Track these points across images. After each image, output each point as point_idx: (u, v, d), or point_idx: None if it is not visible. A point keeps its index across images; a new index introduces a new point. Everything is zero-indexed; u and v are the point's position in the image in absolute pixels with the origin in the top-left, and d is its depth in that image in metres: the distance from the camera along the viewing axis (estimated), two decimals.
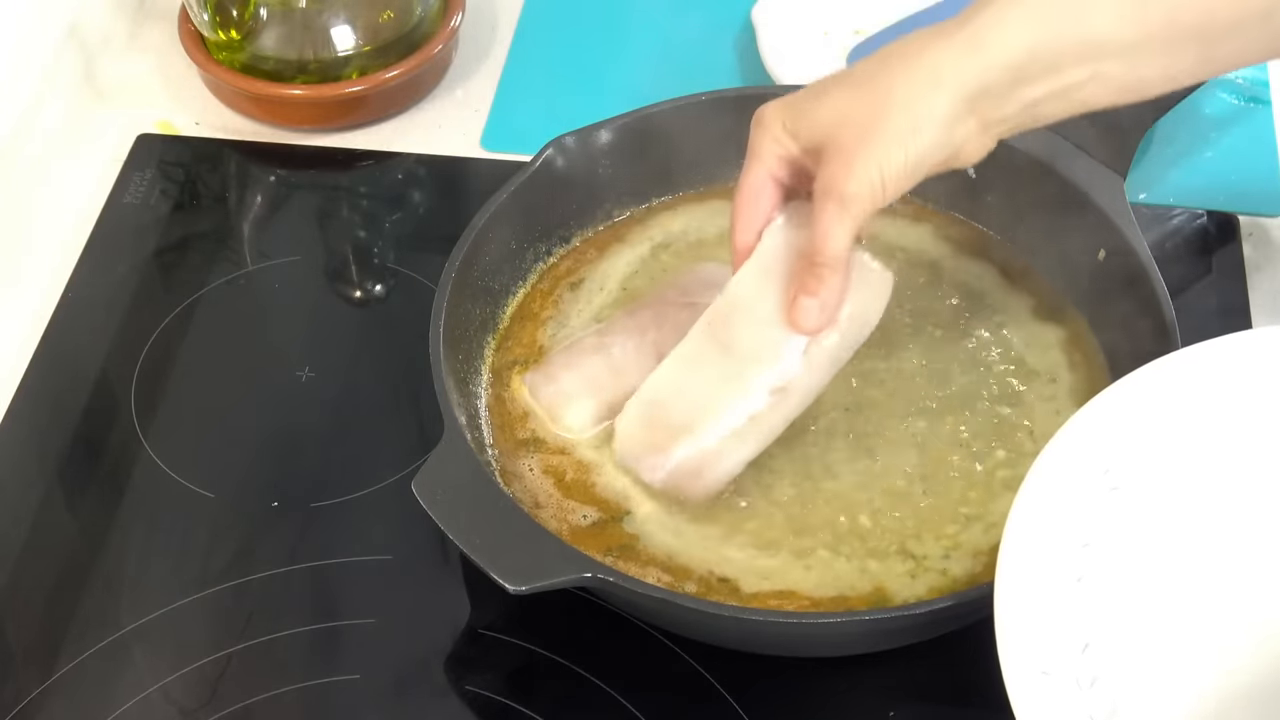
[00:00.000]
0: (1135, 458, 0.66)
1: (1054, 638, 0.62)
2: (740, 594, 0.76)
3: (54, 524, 0.85)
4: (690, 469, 0.78)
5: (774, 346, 0.76)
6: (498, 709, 0.77)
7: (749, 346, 0.77)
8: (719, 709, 0.76)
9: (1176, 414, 0.67)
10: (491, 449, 0.83)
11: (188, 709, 0.77)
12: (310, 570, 0.82)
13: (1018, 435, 0.82)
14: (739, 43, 1.11)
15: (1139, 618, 0.65)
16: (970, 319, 0.88)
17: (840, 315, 0.75)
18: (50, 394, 0.91)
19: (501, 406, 0.85)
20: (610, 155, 0.92)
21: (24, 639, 0.80)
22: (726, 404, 0.77)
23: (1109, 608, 0.64)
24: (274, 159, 1.06)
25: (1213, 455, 0.67)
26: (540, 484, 0.81)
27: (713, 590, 0.76)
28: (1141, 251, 0.84)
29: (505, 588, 0.70)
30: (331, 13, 1.04)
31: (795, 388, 0.77)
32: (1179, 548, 0.67)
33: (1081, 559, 0.64)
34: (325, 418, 0.90)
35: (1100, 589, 0.64)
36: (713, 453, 0.78)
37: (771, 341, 0.76)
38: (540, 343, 0.88)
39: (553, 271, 0.92)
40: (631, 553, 0.78)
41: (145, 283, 0.97)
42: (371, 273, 1.00)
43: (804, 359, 0.76)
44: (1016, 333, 0.87)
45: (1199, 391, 0.67)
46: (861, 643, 0.77)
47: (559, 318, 0.89)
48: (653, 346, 0.85)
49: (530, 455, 0.82)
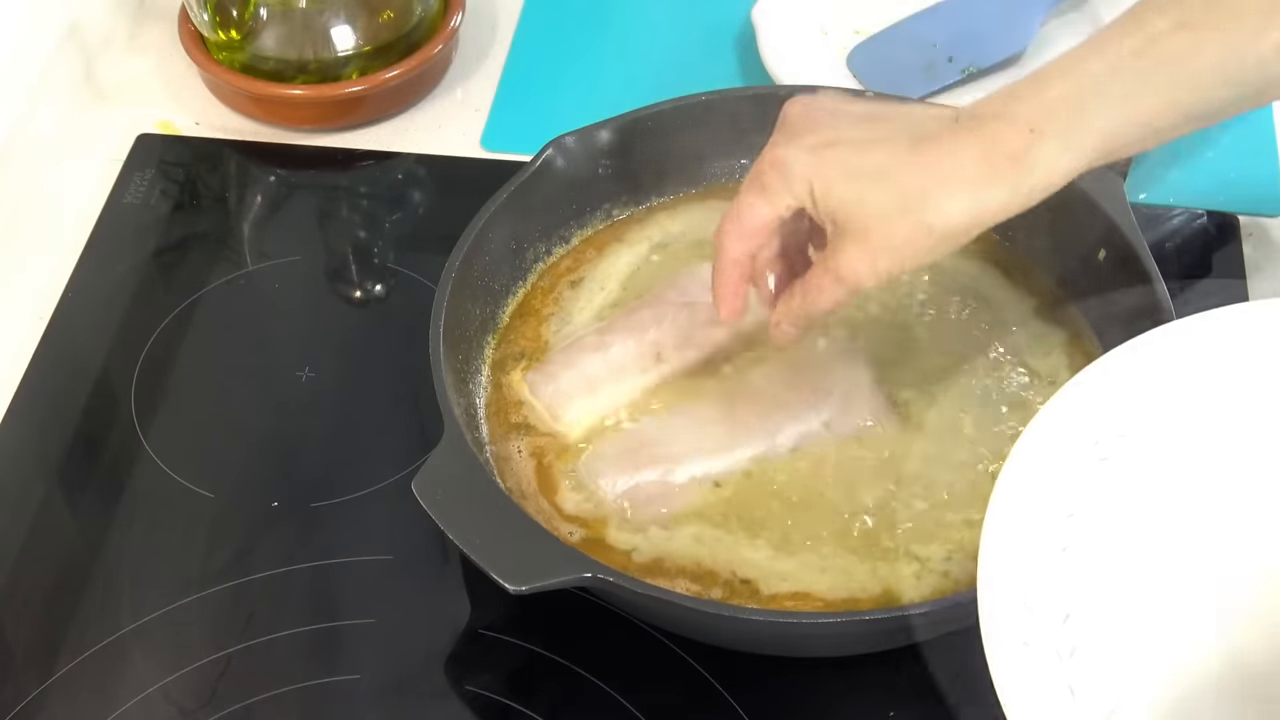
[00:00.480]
0: (1125, 429, 0.66)
1: (1036, 608, 0.62)
2: (760, 596, 0.76)
3: (54, 524, 0.85)
4: (650, 494, 0.80)
5: (771, 428, 0.82)
6: (498, 709, 0.77)
7: (751, 421, 0.82)
8: (719, 709, 0.76)
9: (1168, 386, 0.67)
10: (490, 448, 0.83)
11: (188, 709, 0.77)
12: (310, 570, 0.82)
13: (1012, 431, 0.82)
14: (739, 43, 1.11)
15: (1121, 590, 0.65)
16: (971, 320, 0.88)
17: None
18: (50, 394, 0.91)
19: (501, 405, 0.85)
20: (610, 155, 0.92)
21: (24, 639, 0.80)
22: (708, 456, 0.81)
23: (1092, 579, 0.64)
24: (274, 159, 1.06)
25: (1203, 428, 0.67)
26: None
27: (736, 593, 0.77)
28: (1141, 251, 0.84)
29: (505, 588, 0.70)
30: (331, 13, 1.04)
31: (771, 460, 0.81)
32: (1165, 521, 0.66)
33: (1067, 529, 0.64)
34: (325, 418, 0.90)
35: (1084, 560, 0.64)
36: (676, 488, 0.80)
37: (772, 424, 0.82)
38: (544, 338, 0.88)
39: (553, 270, 0.92)
40: (660, 568, 0.78)
41: (145, 283, 0.97)
42: (371, 273, 1.00)
43: (790, 448, 0.81)
44: (1017, 333, 0.87)
45: (1190, 364, 0.67)
46: (861, 643, 0.77)
47: (561, 314, 0.89)
48: (652, 346, 0.85)
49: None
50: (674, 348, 0.85)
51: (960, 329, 0.88)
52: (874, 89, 1.00)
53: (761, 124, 0.94)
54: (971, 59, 1.07)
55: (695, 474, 0.81)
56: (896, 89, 1.00)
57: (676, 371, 0.85)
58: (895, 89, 1.00)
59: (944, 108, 0.74)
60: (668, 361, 0.85)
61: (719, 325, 0.87)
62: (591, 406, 0.84)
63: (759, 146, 0.94)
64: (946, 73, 1.06)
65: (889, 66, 1.07)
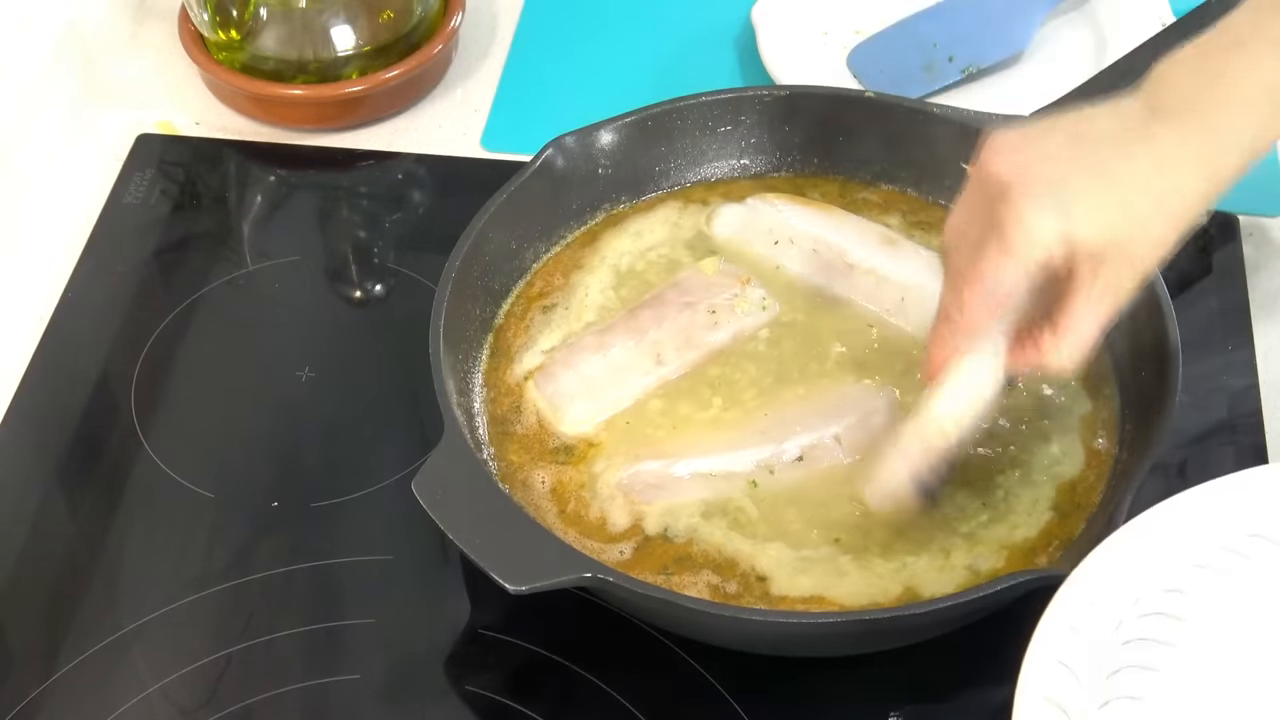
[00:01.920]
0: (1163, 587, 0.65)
1: None
2: (770, 597, 0.76)
3: (54, 524, 0.85)
4: (650, 482, 0.80)
5: (780, 435, 0.82)
6: (498, 709, 0.77)
7: (761, 426, 0.82)
8: (719, 709, 0.76)
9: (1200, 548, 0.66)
10: (489, 448, 0.83)
11: (188, 709, 0.77)
12: (310, 570, 0.82)
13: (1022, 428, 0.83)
14: (739, 43, 1.11)
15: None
16: None
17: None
18: (50, 394, 0.91)
19: (501, 405, 0.85)
20: (610, 155, 0.92)
21: (24, 639, 0.80)
22: (712, 454, 0.81)
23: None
24: (274, 159, 1.06)
25: (1241, 590, 0.66)
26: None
27: (750, 589, 0.77)
28: None
29: (505, 588, 0.70)
30: (331, 13, 1.04)
31: (778, 468, 0.81)
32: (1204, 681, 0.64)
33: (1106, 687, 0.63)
34: (325, 418, 0.90)
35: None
36: (674, 481, 0.80)
37: (783, 430, 0.82)
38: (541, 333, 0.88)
39: (553, 270, 0.91)
40: (689, 560, 0.78)
41: (145, 283, 0.97)
42: (371, 273, 1.00)
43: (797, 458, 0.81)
44: None
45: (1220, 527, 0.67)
46: (860, 643, 0.77)
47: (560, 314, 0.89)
48: (652, 346, 0.85)
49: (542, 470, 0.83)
50: (674, 349, 0.85)
51: None
52: (874, 89, 1.00)
53: (762, 124, 0.95)
54: (972, 58, 1.07)
55: (699, 470, 0.81)
56: (896, 89, 1.00)
57: (677, 372, 0.85)
58: (895, 89, 1.00)
59: (1118, 101, 0.73)
60: (668, 363, 0.85)
61: (719, 326, 0.87)
62: (592, 406, 0.84)
63: (759, 146, 0.94)
64: (947, 72, 1.06)
65: (889, 66, 1.07)
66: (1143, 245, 0.71)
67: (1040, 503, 0.80)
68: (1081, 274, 0.71)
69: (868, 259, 0.89)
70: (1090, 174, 0.70)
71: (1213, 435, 0.86)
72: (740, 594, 0.77)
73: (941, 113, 0.93)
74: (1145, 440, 0.78)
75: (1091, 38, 1.08)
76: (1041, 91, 0.95)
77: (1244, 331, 0.91)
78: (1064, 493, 0.80)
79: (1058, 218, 0.69)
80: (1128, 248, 0.70)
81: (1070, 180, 0.70)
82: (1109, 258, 0.70)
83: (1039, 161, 0.71)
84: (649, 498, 0.80)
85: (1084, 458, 0.82)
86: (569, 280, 0.91)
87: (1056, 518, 0.79)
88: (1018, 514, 0.79)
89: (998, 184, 0.70)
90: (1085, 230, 0.69)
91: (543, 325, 0.89)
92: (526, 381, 0.85)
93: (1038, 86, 1.03)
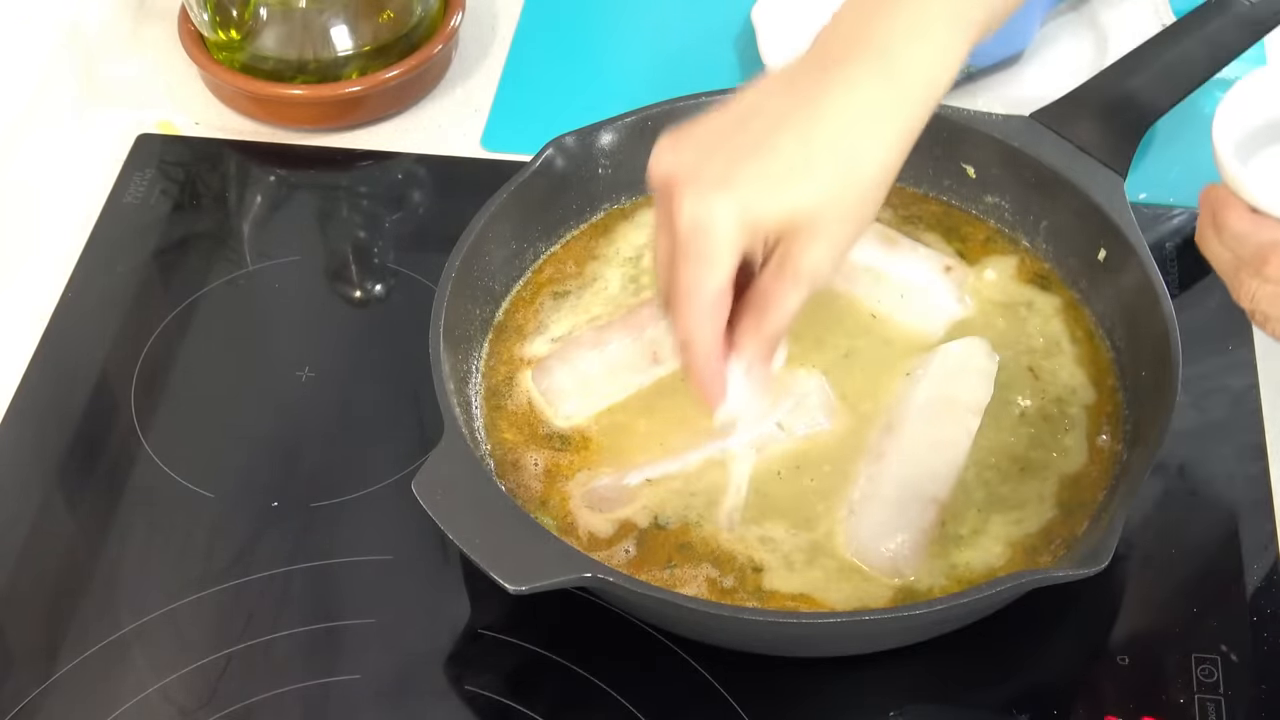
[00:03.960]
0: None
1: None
2: (761, 591, 0.77)
3: (54, 524, 0.85)
4: (604, 497, 0.81)
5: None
6: (498, 709, 0.77)
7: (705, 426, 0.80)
8: (719, 709, 0.76)
9: None
10: (489, 447, 0.83)
11: (188, 709, 0.77)
12: (310, 570, 0.82)
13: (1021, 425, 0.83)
14: (739, 43, 1.11)
15: None
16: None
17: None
18: (50, 394, 0.91)
19: (501, 404, 0.85)
20: (610, 155, 0.92)
21: (24, 639, 0.80)
22: (660, 461, 0.82)
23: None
24: (274, 159, 1.06)
25: None
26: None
27: (746, 582, 0.77)
28: (1141, 251, 0.84)
29: (505, 588, 0.70)
30: (331, 13, 1.04)
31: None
32: None
33: None
34: (325, 418, 0.90)
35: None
36: (628, 491, 0.81)
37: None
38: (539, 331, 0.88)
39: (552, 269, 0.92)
40: (690, 551, 0.79)
41: (145, 283, 0.97)
42: (371, 273, 1.00)
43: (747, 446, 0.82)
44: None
45: None
46: (861, 643, 0.77)
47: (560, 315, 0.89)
48: (649, 344, 0.85)
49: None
50: (671, 347, 0.85)
51: None
52: None
53: None
54: (971, 58, 1.06)
55: (649, 476, 0.81)
56: None
57: (674, 371, 0.85)
58: None
59: (791, 65, 0.71)
60: (664, 361, 0.85)
61: None
62: (586, 403, 0.84)
63: None
64: None
65: None
66: (838, 206, 0.67)
67: (1046, 499, 0.80)
68: (779, 251, 0.67)
69: (866, 256, 0.89)
70: (758, 150, 0.66)
71: (1213, 435, 0.86)
72: (736, 589, 0.77)
73: (941, 112, 0.92)
74: (1147, 439, 0.78)
75: (1091, 38, 1.08)
76: (1041, 91, 0.95)
77: (1244, 331, 0.91)
78: (1068, 488, 0.80)
79: (728, 205, 0.65)
80: (823, 212, 0.66)
81: (737, 163, 0.66)
82: (800, 227, 0.66)
83: (701, 152, 0.67)
84: (608, 511, 0.81)
85: (1087, 454, 0.82)
86: (582, 269, 0.91)
87: (1060, 515, 0.79)
88: (1022, 510, 0.79)
89: (664, 187, 0.68)
90: (762, 209, 0.66)
91: (552, 311, 0.89)
92: (525, 371, 0.86)
93: (1038, 86, 1.03)
